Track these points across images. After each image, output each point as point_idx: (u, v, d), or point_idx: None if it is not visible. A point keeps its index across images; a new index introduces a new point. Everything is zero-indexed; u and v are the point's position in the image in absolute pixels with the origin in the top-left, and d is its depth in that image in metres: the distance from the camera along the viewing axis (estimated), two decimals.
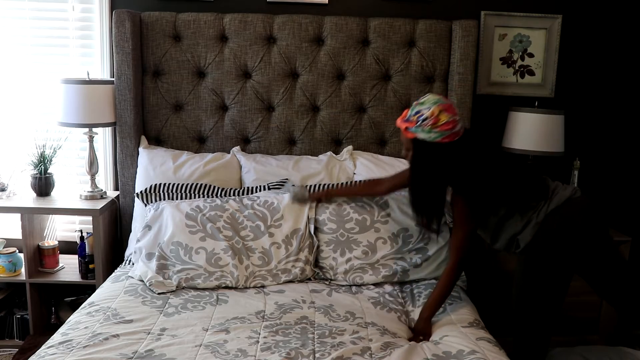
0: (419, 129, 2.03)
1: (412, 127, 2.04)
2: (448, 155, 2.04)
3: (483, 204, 2.11)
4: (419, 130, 2.03)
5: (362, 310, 2.18)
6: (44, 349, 1.80)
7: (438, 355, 1.84)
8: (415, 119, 2.04)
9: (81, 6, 2.93)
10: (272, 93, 2.89)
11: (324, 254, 2.46)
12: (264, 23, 2.82)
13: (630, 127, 3.18)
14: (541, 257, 2.06)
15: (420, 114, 2.03)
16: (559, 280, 2.07)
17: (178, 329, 1.95)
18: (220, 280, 2.31)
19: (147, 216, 2.51)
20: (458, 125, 2.04)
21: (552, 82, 3.08)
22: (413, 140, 2.07)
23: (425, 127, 2.01)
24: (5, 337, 2.87)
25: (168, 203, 2.51)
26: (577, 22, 3.04)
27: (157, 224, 2.44)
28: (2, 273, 2.77)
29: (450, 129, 2.01)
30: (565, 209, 2.04)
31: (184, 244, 2.36)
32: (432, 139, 2.02)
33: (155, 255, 2.36)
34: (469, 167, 2.06)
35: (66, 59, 2.96)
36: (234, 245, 2.37)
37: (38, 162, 2.82)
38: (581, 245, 2.04)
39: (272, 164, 2.78)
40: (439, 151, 2.04)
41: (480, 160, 2.09)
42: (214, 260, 2.33)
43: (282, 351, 1.81)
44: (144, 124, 2.91)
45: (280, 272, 2.39)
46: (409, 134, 2.07)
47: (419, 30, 2.85)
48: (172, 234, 2.38)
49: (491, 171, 2.09)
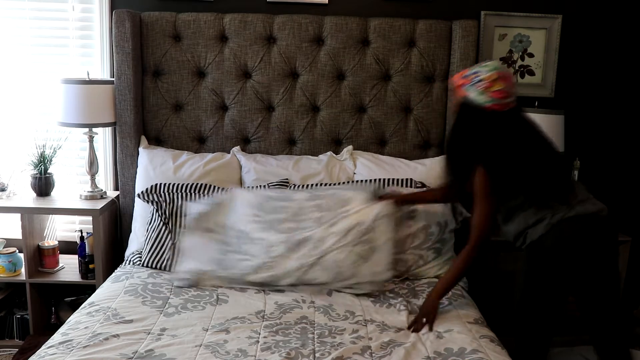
0: (472, 88, 2.03)
1: (467, 84, 2.05)
2: (490, 123, 2.02)
3: (506, 182, 2.05)
4: (471, 90, 2.03)
5: (362, 308, 2.18)
6: (44, 349, 1.80)
7: (439, 353, 1.85)
8: (471, 78, 2.04)
9: (81, 6, 2.93)
10: (272, 93, 2.89)
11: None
12: (264, 23, 2.82)
13: (630, 127, 3.18)
14: (544, 259, 2.04)
15: (477, 74, 2.03)
16: (560, 283, 2.05)
17: (178, 329, 1.95)
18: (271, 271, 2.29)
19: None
20: (510, 98, 2.01)
21: (552, 82, 3.08)
22: (463, 98, 2.07)
23: (478, 88, 2.01)
24: (5, 337, 2.87)
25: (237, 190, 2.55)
26: (577, 22, 3.04)
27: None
28: (2, 273, 2.77)
29: (500, 98, 1.99)
30: (583, 222, 1.99)
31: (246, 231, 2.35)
32: (480, 101, 2.02)
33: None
34: (506, 141, 2.03)
35: (66, 59, 2.96)
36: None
37: (38, 162, 2.82)
38: (583, 265, 2.00)
39: (272, 164, 2.78)
40: (483, 116, 2.03)
41: (519, 139, 2.05)
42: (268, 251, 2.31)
43: (282, 351, 1.81)
44: (144, 124, 2.91)
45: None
46: (461, 91, 2.07)
47: (419, 30, 2.85)
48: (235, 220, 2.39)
49: (524, 153, 2.05)
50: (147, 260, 2.50)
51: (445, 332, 1.98)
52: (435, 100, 2.91)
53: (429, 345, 1.90)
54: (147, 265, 2.49)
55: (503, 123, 2.03)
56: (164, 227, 2.51)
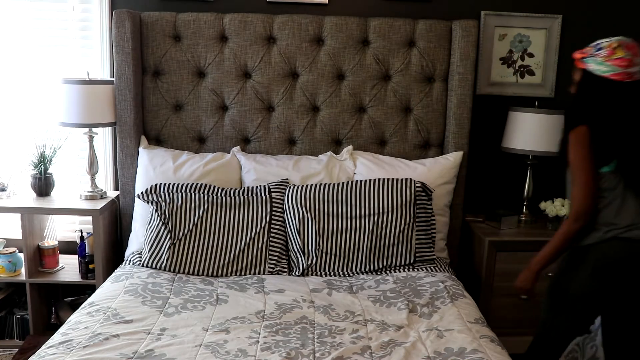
0: (592, 58, 1.94)
1: (586, 56, 1.96)
2: (611, 93, 1.91)
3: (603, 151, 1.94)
4: (590, 61, 1.94)
5: (362, 308, 2.18)
6: (44, 349, 1.80)
7: (439, 353, 1.84)
8: (591, 49, 1.95)
9: (81, 6, 2.93)
10: (272, 93, 2.89)
11: None
12: (264, 23, 2.82)
13: None
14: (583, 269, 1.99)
15: (598, 44, 1.95)
16: (589, 300, 2.01)
17: (178, 329, 1.95)
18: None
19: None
20: (635, 67, 1.89)
21: (552, 82, 3.09)
22: (583, 71, 1.97)
23: (598, 58, 1.92)
24: (5, 337, 2.87)
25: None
26: (577, 22, 3.04)
27: None
28: (2, 273, 2.77)
29: (624, 66, 1.88)
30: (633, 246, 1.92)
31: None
32: (602, 72, 1.91)
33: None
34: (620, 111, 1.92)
35: (66, 59, 2.96)
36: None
37: (38, 162, 2.82)
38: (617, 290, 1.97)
39: (272, 163, 2.78)
40: (604, 86, 1.92)
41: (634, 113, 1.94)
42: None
43: (282, 351, 1.81)
44: (144, 124, 2.91)
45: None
46: (581, 64, 1.98)
47: (419, 30, 2.85)
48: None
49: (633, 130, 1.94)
50: (147, 260, 2.50)
51: (445, 332, 1.98)
52: (435, 100, 2.91)
53: (429, 345, 1.90)
54: (147, 265, 2.49)
55: (625, 93, 1.91)
56: (163, 227, 2.51)
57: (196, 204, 2.54)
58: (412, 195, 2.58)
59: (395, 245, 2.54)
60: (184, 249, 2.48)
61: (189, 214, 2.52)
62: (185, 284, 2.34)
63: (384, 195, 2.58)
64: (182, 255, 2.48)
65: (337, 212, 2.56)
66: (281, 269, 2.53)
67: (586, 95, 1.97)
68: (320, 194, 2.59)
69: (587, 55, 1.96)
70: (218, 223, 2.52)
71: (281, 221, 2.59)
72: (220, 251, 2.49)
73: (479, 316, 2.14)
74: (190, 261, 2.48)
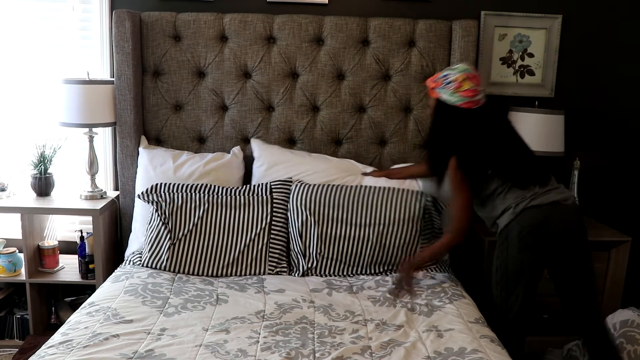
0: (443, 89, 2.21)
1: (438, 87, 2.23)
2: (463, 120, 2.20)
3: (476, 170, 2.23)
4: (442, 91, 2.21)
5: (362, 308, 2.18)
6: (44, 349, 1.80)
7: (439, 353, 1.84)
8: (442, 81, 2.22)
9: (81, 6, 2.93)
10: (272, 93, 2.89)
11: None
12: (264, 23, 2.82)
13: (630, 127, 3.18)
14: (510, 246, 2.17)
15: (447, 77, 2.21)
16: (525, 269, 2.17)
17: (178, 329, 1.95)
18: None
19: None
20: (479, 95, 2.19)
21: (552, 82, 3.08)
22: (437, 100, 2.25)
23: (448, 90, 2.19)
24: (5, 337, 2.87)
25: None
26: (577, 22, 3.04)
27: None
28: (2, 273, 2.77)
29: (470, 97, 2.17)
30: (543, 210, 2.13)
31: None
32: (452, 102, 2.19)
33: None
34: (476, 132, 2.21)
35: (66, 59, 2.96)
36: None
37: (38, 162, 2.82)
38: (548, 250, 2.17)
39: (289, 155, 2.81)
40: (456, 114, 2.21)
41: (488, 129, 2.22)
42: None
43: (282, 351, 1.81)
44: (144, 124, 2.91)
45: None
46: (434, 93, 2.25)
47: (419, 30, 2.85)
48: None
49: (493, 141, 2.22)
50: (147, 260, 2.50)
51: (445, 332, 1.98)
52: None
53: (429, 345, 1.90)
54: (147, 265, 2.49)
55: (474, 119, 2.20)
56: (163, 227, 2.51)
57: (196, 204, 2.54)
58: (420, 210, 2.55)
59: (397, 256, 2.53)
60: (184, 249, 2.48)
61: (189, 214, 2.52)
62: (185, 284, 2.34)
63: (391, 206, 2.54)
64: (182, 255, 2.48)
65: (341, 218, 2.53)
66: (281, 269, 2.53)
67: (444, 123, 2.25)
68: (326, 197, 2.56)
69: (439, 86, 2.23)
70: (218, 223, 2.52)
71: (282, 221, 2.58)
72: (220, 251, 2.49)
73: (479, 316, 2.14)
74: (191, 261, 2.48)
